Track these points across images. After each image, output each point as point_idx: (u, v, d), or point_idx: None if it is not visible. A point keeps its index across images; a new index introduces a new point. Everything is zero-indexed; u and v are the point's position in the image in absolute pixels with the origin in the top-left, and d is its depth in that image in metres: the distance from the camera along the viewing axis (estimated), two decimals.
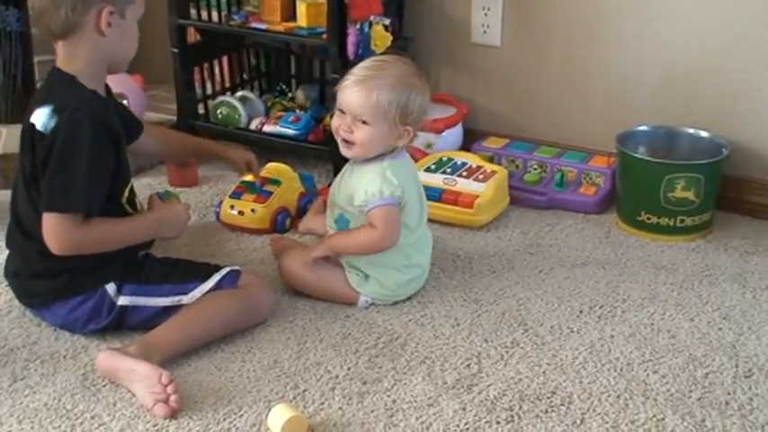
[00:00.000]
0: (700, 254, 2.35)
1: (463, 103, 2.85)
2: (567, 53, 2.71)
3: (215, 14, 2.75)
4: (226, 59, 2.97)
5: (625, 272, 2.25)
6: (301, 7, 2.61)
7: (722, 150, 2.43)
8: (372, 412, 1.73)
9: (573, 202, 2.57)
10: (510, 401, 1.76)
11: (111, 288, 1.91)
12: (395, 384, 1.81)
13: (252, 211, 2.39)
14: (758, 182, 2.54)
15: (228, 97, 2.89)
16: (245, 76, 3.03)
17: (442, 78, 2.90)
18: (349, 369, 1.86)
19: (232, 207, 2.42)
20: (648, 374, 1.85)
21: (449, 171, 2.54)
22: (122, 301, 1.91)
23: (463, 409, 1.74)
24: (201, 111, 2.92)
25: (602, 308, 2.09)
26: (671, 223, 2.40)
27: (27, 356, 1.89)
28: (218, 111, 2.87)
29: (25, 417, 1.71)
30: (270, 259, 2.27)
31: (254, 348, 1.92)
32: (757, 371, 1.86)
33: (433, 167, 2.57)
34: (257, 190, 2.42)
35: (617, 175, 2.51)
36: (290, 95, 2.99)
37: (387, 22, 2.62)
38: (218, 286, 1.96)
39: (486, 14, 2.78)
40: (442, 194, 2.45)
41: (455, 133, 2.81)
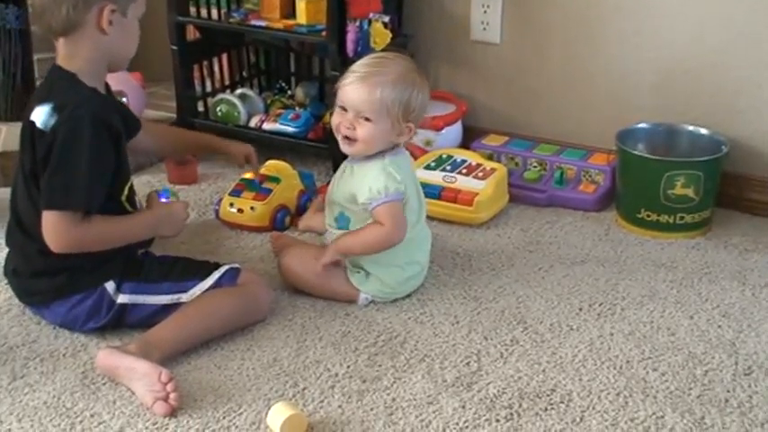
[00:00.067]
0: (699, 251, 2.35)
1: (463, 100, 2.84)
2: (567, 50, 2.71)
3: (214, 12, 2.75)
4: (225, 57, 2.97)
5: (624, 269, 2.25)
6: (301, 5, 2.61)
7: (722, 147, 2.43)
8: (372, 410, 1.73)
9: (572, 199, 2.57)
10: (509, 399, 1.76)
11: (110, 286, 1.91)
12: (394, 382, 1.81)
13: (251, 208, 2.39)
14: (758, 179, 2.54)
15: (228, 95, 2.89)
16: (244, 73, 3.03)
17: (441, 76, 2.90)
18: (348, 367, 1.86)
19: (231, 205, 2.42)
20: (648, 372, 1.85)
21: (448, 168, 2.54)
22: (122, 299, 1.91)
23: (463, 407, 1.74)
24: (201, 108, 2.92)
25: (601, 305, 2.09)
26: (670, 220, 2.40)
27: (27, 355, 1.89)
28: (218, 108, 2.87)
29: (25, 415, 1.71)
30: (269, 257, 2.27)
31: (253, 346, 1.92)
32: (757, 368, 1.86)
33: (433, 165, 2.57)
34: (257, 188, 2.42)
35: (617, 172, 2.51)
36: (289, 93, 2.99)
37: (386, 19, 2.62)
38: (217, 284, 1.96)
39: (486, 11, 2.78)
40: (441, 192, 2.45)
41: (455, 131, 2.81)
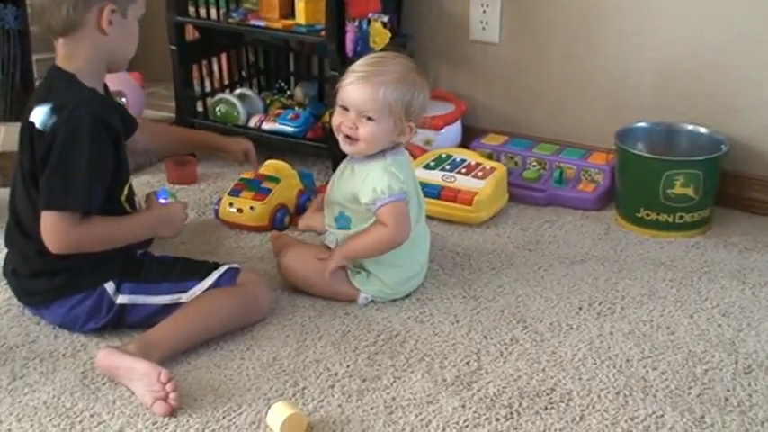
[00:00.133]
0: (699, 250, 2.35)
1: (462, 100, 2.84)
2: (566, 50, 2.71)
3: (213, 12, 2.74)
4: (224, 57, 2.97)
5: (624, 268, 2.25)
6: (300, 4, 2.61)
7: (721, 147, 2.43)
8: (372, 409, 1.73)
9: (572, 198, 2.56)
10: (509, 398, 1.76)
11: (110, 287, 1.91)
12: (394, 382, 1.81)
13: (251, 208, 2.39)
14: (757, 178, 2.54)
15: (227, 95, 2.89)
16: (243, 73, 3.03)
17: (440, 75, 2.90)
18: (348, 366, 1.86)
19: (231, 204, 2.42)
20: (648, 371, 1.85)
21: (448, 168, 2.54)
22: (121, 299, 1.91)
23: (462, 407, 1.74)
24: (200, 108, 2.92)
25: (601, 304, 2.09)
26: (670, 220, 2.40)
27: (26, 355, 1.89)
28: (217, 108, 2.86)
29: (25, 415, 1.71)
30: (269, 257, 2.27)
31: (253, 346, 1.92)
32: (756, 367, 1.86)
33: (432, 164, 2.57)
34: (256, 187, 2.42)
35: (616, 171, 2.51)
36: (288, 93, 2.99)
37: (385, 19, 2.62)
38: (216, 284, 1.96)
39: (485, 11, 2.78)
40: (441, 191, 2.45)
41: (454, 130, 2.80)
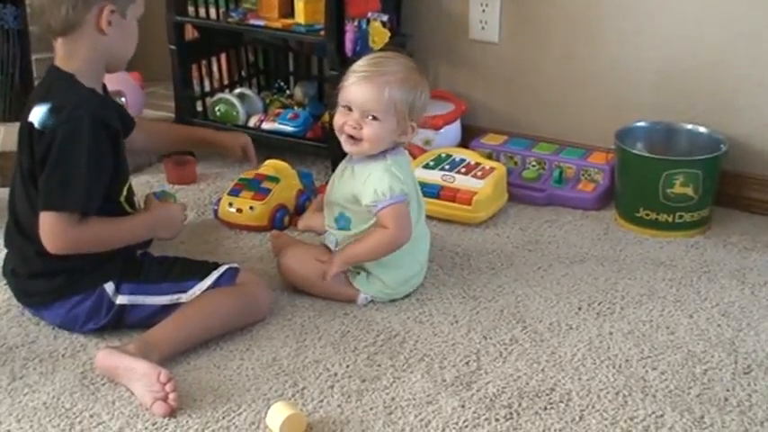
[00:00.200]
0: (698, 250, 2.35)
1: (461, 99, 2.84)
2: (566, 49, 2.71)
3: (213, 11, 2.74)
4: (224, 56, 2.96)
5: (624, 268, 2.25)
6: (299, 4, 2.61)
7: (721, 146, 2.43)
8: (371, 410, 1.73)
9: (571, 198, 2.56)
10: (509, 398, 1.76)
11: (109, 287, 1.90)
12: (394, 382, 1.81)
13: (250, 208, 2.39)
14: (757, 178, 2.54)
15: (227, 94, 2.89)
16: (243, 73, 3.02)
17: (440, 75, 2.89)
18: (348, 367, 1.86)
19: (230, 204, 2.42)
20: (647, 371, 1.85)
21: (447, 168, 2.54)
22: (121, 300, 1.91)
23: (462, 407, 1.74)
24: (200, 108, 2.92)
25: (600, 304, 2.09)
26: (669, 219, 2.40)
27: (26, 355, 1.89)
28: (217, 108, 2.86)
29: (24, 416, 1.71)
30: (268, 257, 2.27)
31: (252, 346, 1.92)
32: (756, 367, 1.86)
33: (432, 164, 2.56)
34: (255, 187, 2.42)
35: (616, 171, 2.51)
36: (288, 92, 2.99)
37: (385, 18, 2.62)
38: (216, 284, 1.95)
39: (484, 10, 2.78)
40: (440, 191, 2.45)
41: (453, 130, 2.80)
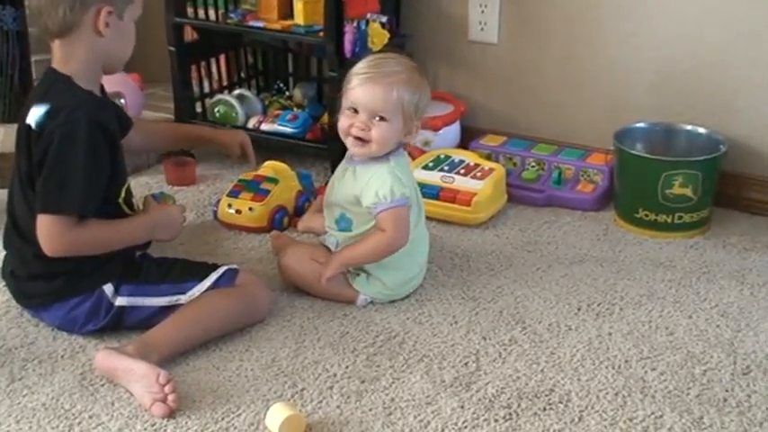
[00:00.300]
0: (698, 251, 2.35)
1: (461, 100, 2.84)
2: (565, 50, 2.71)
3: (212, 13, 2.74)
4: (223, 58, 2.96)
5: (623, 269, 2.25)
6: (298, 5, 2.61)
7: (720, 147, 2.43)
8: (370, 411, 1.73)
9: (571, 199, 2.56)
10: (508, 399, 1.76)
11: (108, 289, 1.90)
12: (393, 383, 1.81)
13: (249, 209, 2.39)
14: (756, 178, 2.54)
15: (226, 96, 2.89)
16: (242, 74, 3.03)
17: (439, 76, 2.90)
18: (347, 367, 1.86)
19: (230, 206, 2.42)
20: (647, 372, 1.85)
21: (446, 169, 2.54)
22: (120, 301, 1.91)
23: (461, 408, 1.74)
24: (199, 109, 2.92)
25: (600, 305, 2.09)
26: (669, 220, 2.40)
27: (25, 356, 1.89)
28: (216, 109, 2.86)
29: (23, 417, 1.71)
30: (268, 258, 2.27)
31: (252, 347, 1.92)
32: (755, 368, 1.86)
33: (431, 165, 2.57)
34: (255, 188, 2.42)
35: (615, 172, 2.51)
36: (287, 94, 2.99)
37: (384, 19, 2.62)
38: (215, 285, 1.95)
39: (483, 11, 2.78)
40: (439, 192, 2.45)
41: (453, 131, 2.80)
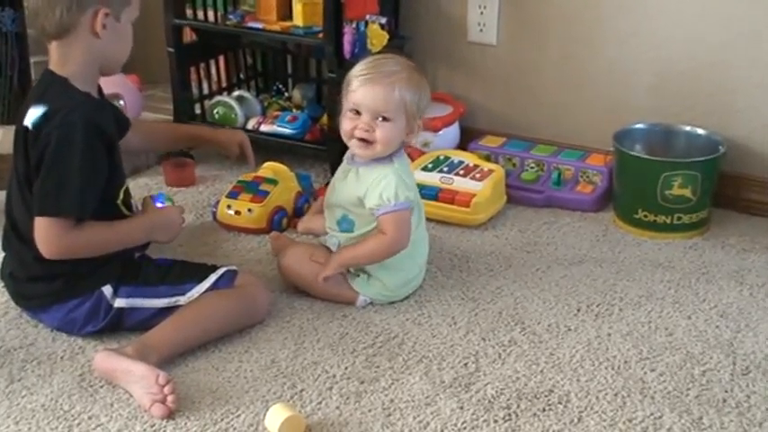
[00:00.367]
0: (697, 251, 2.35)
1: (460, 101, 2.84)
2: (564, 51, 2.71)
3: (211, 14, 2.74)
4: (222, 59, 2.96)
5: (622, 270, 2.25)
6: (297, 6, 2.61)
7: (719, 148, 2.43)
8: (370, 412, 1.73)
9: (570, 200, 2.57)
10: (507, 400, 1.76)
11: (107, 290, 1.90)
12: (392, 384, 1.81)
13: (249, 210, 2.38)
14: (755, 179, 2.54)
15: (225, 97, 2.89)
16: (241, 75, 3.03)
17: (438, 77, 2.90)
18: (346, 369, 1.86)
19: (229, 207, 2.42)
20: (646, 372, 1.85)
21: (446, 170, 2.54)
22: (119, 303, 1.91)
23: (461, 408, 1.74)
24: (198, 111, 2.92)
25: (599, 306, 2.09)
26: (668, 221, 2.40)
27: (24, 357, 1.89)
28: (215, 111, 2.86)
29: (22, 418, 1.71)
30: (267, 259, 2.27)
31: (251, 348, 1.92)
32: (754, 368, 1.86)
33: (430, 166, 2.57)
34: (254, 189, 2.42)
35: (614, 172, 2.51)
36: (286, 95, 2.99)
37: (383, 20, 2.63)
38: (214, 286, 1.95)
39: (482, 13, 2.78)
40: (438, 193, 2.45)
41: (452, 132, 2.81)
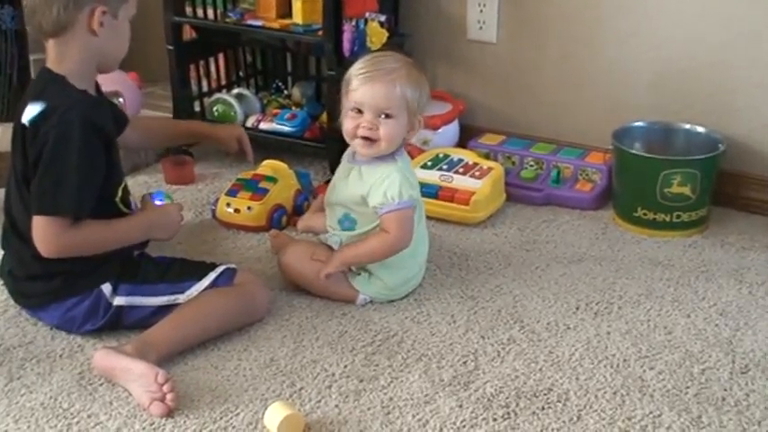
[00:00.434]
0: (696, 250, 2.35)
1: (459, 99, 2.84)
2: (564, 49, 2.71)
3: (210, 12, 2.74)
4: (222, 57, 2.96)
5: (621, 268, 2.25)
6: (297, 4, 2.61)
7: (718, 146, 2.43)
8: (369, 410, 1.73)
9: (569, 198, 2.56)
10: (506, 398, 1.76)
11: (106, 288, 1.90)
12: (391, 382, 1.81)
13: (248, 208, 2.38)
14: (755, 177, 2.54)
15: (224, 95, 2.89)
16: (240, 73, 3.03)
17: (438, 75, 2.89)
18: (345, 367, 1.86)
19: (228, 205, 2.42)
20: (645, 371, 1.85)
21: (445, 168, 2.54)
22: (118, 301, 1.91)
23: (460, 407, 1.74)
24: (197, 108, 2.92)
25: (598, 304, 2.09)
26: (667, 219, 2.40)
27: (23, 356, 1.89)
28: (215, 108, 2.86)
29: (22, 416, 1.71)
30: (266, 257, 2.27)
31: (250, 346, 1.92)
32: (753, 367, 1.86)
33: (430, 164, 2.56)
34: (253, 187, 2.42)
35: (613, 171, 2.51)
36: (286, 93, 2.99)
37: (382, 18, 2.62)
38: (214, 284, 1.95)
39: (482, 11, 2.78)
40: (438, 191, 2.45)
41: (451, 130, 2.80)
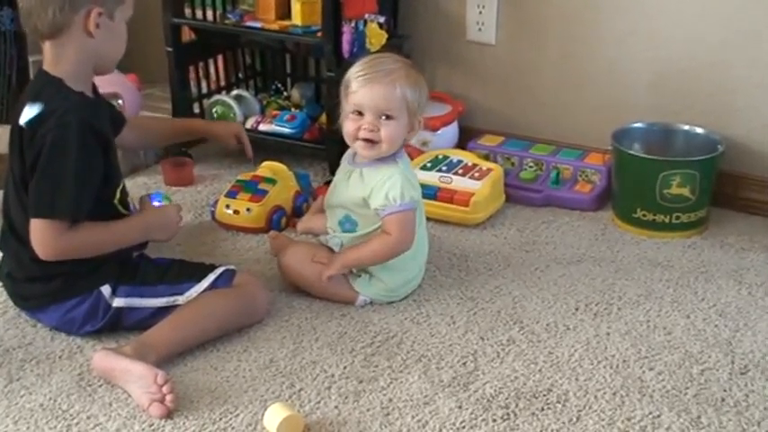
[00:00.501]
0: (695, 250, 2.35)
1: (459, 100, 2.84)
2: (563, 50, 2.71)
3: (210, 13, 2.74)
4: (221, 58, 2.96)
5: (621, 269, 2.25)
6: (296, 6, 2.61)
7: (718, 147, 2.43)
8: (368, 411, 1.73)
9: (569, 199, 2.57)
10: (506, 399, 1.76)
11: (106, 290, 1.90)
12: (391, 383, 1.81)
13: (247, 210, 2.38)
14: (754, 178, 2.54)
15: (224, 96, 2.88)
16: (240, 74, 3.02)
17: (437, 76, 2.89)
18: (345, 368, 1.86)
19: (227, 206, 2.41)
20: (644, 371, 1.85)
21: (444, 169, 2.54)
22: (117, 302, 1.90)
23: (459, 408, 1.74)
24: (197, 110, 2.92)
25: (597, 305, 2.09)
26: (666, 220, 2.40)
27: (23, 357, 1.89)
28: (214, 110, 2.86)
29: (21, 417, 1.71)
30: (266, 258, 2.27)
31: (249, 348, 1.92)
32: (753, 367, 1.86)
33: (429, 165, 2.56)
34: (253, 189, 2.42)
35: (612, 172, 2.51)
36: (285, 94, 2.99)
37: (381, 19, 2.63)
38: (213, 286, 1.95)
39: (481, 12, 2.78)
40: (437, 192, 2.45)
41: (451, 131, 2.80)
